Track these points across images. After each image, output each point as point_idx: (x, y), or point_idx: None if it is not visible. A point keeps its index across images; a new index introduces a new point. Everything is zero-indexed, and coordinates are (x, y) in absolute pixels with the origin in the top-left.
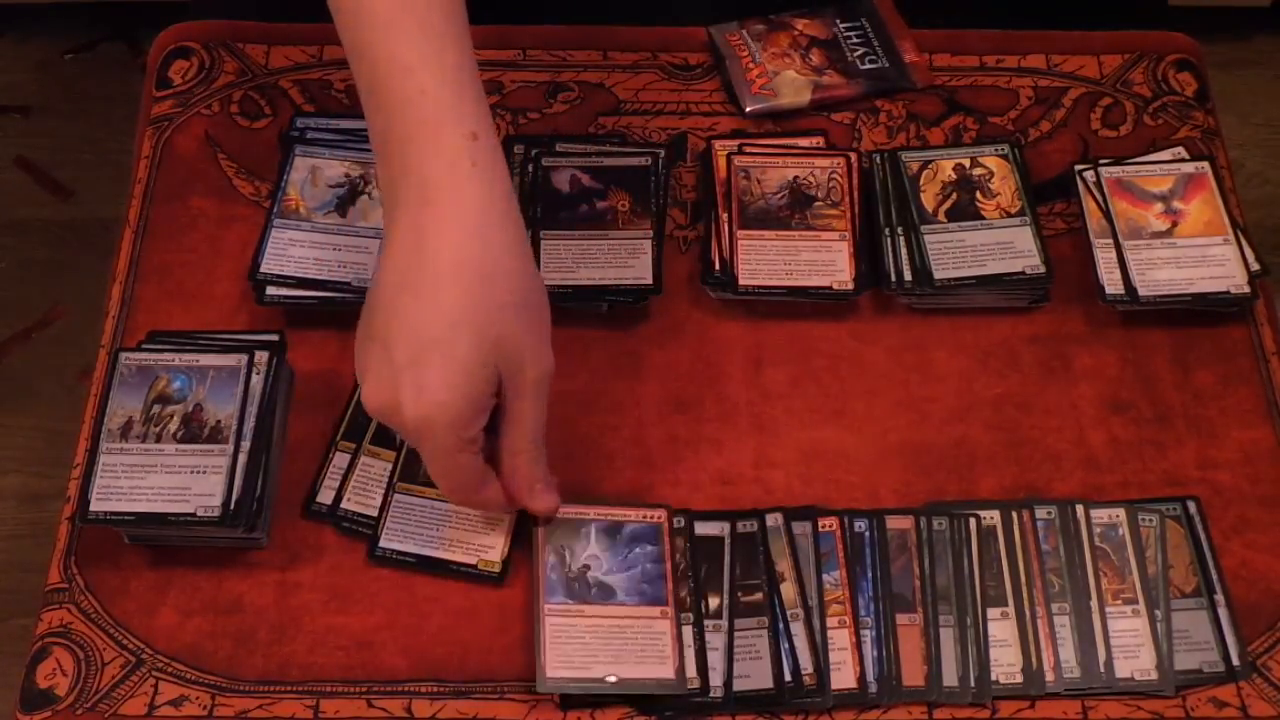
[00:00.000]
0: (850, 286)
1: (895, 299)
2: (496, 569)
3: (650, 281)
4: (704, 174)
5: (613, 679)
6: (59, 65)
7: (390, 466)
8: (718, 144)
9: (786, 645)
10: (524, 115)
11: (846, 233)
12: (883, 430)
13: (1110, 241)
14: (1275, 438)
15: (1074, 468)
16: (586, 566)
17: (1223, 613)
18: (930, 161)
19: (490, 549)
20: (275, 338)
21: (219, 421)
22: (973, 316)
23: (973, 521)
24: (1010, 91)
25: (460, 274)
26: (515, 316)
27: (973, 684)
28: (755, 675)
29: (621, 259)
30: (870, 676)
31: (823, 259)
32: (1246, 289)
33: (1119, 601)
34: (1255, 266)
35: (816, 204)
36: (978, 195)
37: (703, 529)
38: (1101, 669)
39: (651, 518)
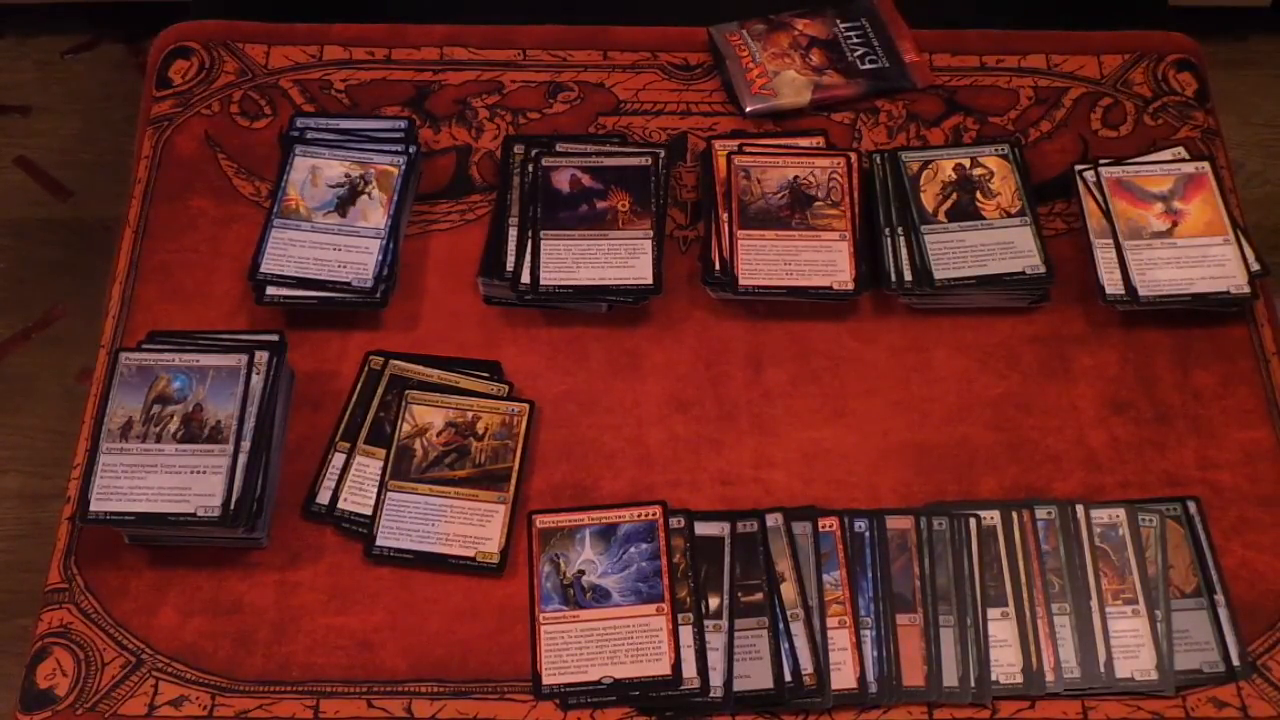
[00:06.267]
0: (850, 287)
1: (895, 299)
2: (495, 559)
3: (650, 281)
4: (704, 174)
5: (609, 680)
6: (59, 65)
7: (383, 465)
8: (718, 144)
9: (786, 645)
10: (524, 115)
11: (846, 233)
12: (883, 430)
13: (1110, 241)
14: (1275, 438)
15: (1074, 468)
16: (581, 572)
17: (1223, 613)
18: (930, 161)
19: (487, 540)
20: (275, 338)
21: (219, 421)
22: (973, 316)
23: (973, 521)
24: (1010, 91)
25: None
26: None
27: (973, 684)
28: (755, 675)
29: (621, 259)
30: (870, 676)
31: (823, 259)
32: (1246, 289)
33: (1119, 601)
34: (1255, 266)
35: (816, 204)
36: (978, 195)
37: (703, 529)
38: (1101, 669)
39: (646, 515)
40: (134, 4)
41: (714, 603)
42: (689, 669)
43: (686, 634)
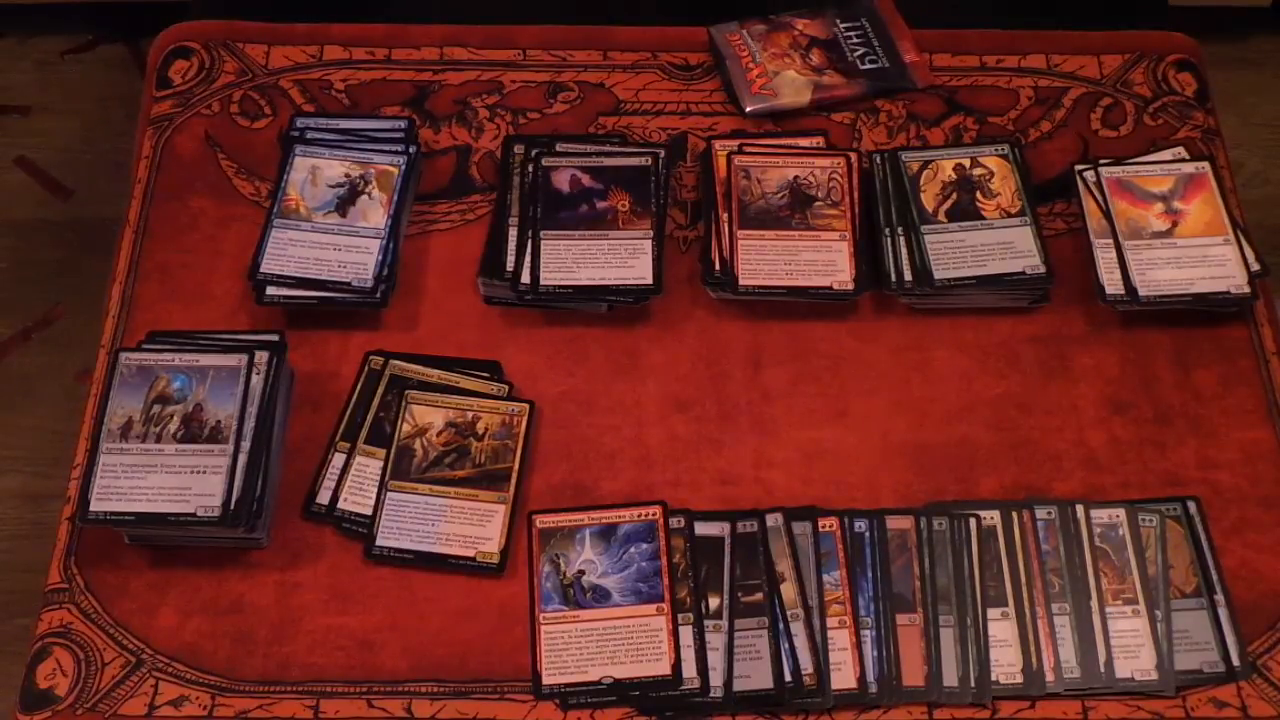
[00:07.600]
0: (850, 286)
1: (895, 299)
2: (495, 559)
3: (650, 281)
4: (704, 174)
5: (609, 680)
6: (59, 65)
7: (383, 465)
8: (718, 144)
9: (786, 645)
10: (524, 115)
11: (846, 233)
12: (883, 430)
13: (1110, 241)
14: (1275, 438)
15: (1074, 468)
16: (581, 572)
17: (1223, 613)
18: (930, 161)
19: (487, 540)
20: (275, 338)
21: (219, 421)
22: (973, 316)
23: (973, 521)
24: (1010, 91)
25: None
26: None
27: (973, 684)
28: (755, 675)
29: (621, 259)
30: (870, 677)
31: (823, 259)
32: (1246, 289)
33: (1119, 601)
34: (1255, 266)
35: (816, 204)
36: (978, 195)
37: (703, 529)
38: (1101, 669)
39: (646, 515)
40: (134, 4)
41: (714, 603)
42: (689, 669)
43: (686, 634)
